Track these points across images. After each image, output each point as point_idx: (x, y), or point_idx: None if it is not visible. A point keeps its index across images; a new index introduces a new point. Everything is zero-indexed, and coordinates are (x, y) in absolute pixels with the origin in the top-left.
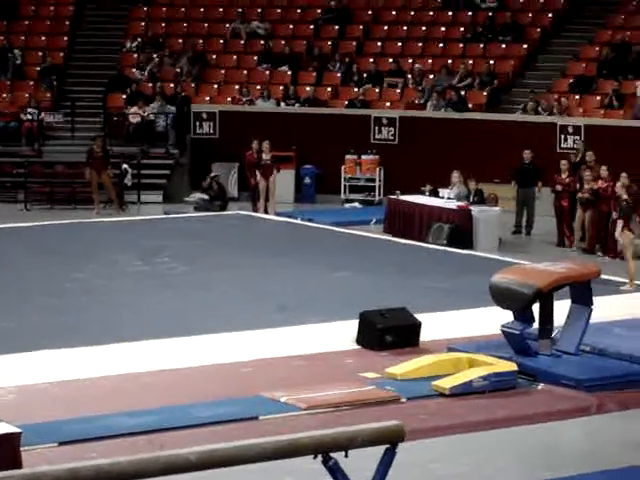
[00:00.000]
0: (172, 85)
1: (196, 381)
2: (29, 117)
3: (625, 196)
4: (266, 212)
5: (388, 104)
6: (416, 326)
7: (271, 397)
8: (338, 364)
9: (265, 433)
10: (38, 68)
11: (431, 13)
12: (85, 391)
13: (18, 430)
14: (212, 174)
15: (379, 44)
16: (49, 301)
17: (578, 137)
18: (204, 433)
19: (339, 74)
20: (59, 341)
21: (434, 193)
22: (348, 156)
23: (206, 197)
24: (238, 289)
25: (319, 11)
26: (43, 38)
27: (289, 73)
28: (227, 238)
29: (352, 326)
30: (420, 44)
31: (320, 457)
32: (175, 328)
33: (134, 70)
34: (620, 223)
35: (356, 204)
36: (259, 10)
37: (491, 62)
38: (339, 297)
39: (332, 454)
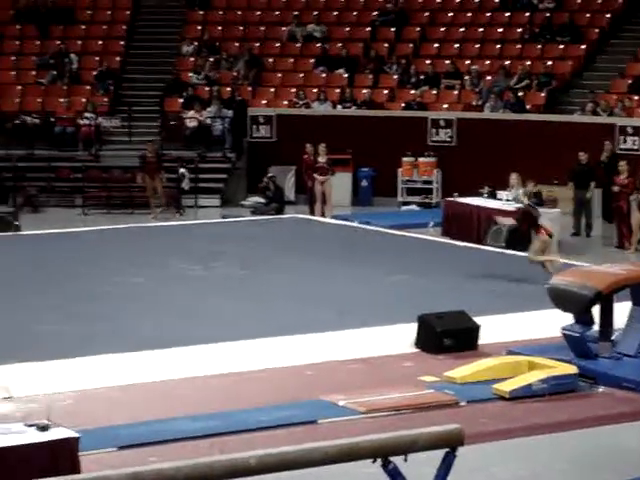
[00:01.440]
0: (229, 89)
1: (256, 385)
2: (86, 122)
3: (527, 201)
4: (323, 215)
5: (445, 106)
6: (475, 329)
7: (330, 401)
8: (397, 368)
9: (324, 437)
10: (95, 73)
11: (488, 14)
12: (144, 395)
13: (77, 435)
14: (269, 174)
15: (436, 46)
16: (107, 306)
17: (637, 138)
18: (264, 437)
19: (396, 76)
20: (117, 345)
21: (492, 195)
22: (405, 158)
23: (263, 201)
24: (296, 293)
25: (376, 13)
26: (100, 42)
27: (345, 76)
28: (284, 242)
29: (411, 329)
30: (477, 45)
31: (379, 461)
32: (234, 332)
33: (191, 74)
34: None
35: (413, 207)
36: (315, 13)
37: (549, 63)
38: (397, 300)
39: (391, 458)
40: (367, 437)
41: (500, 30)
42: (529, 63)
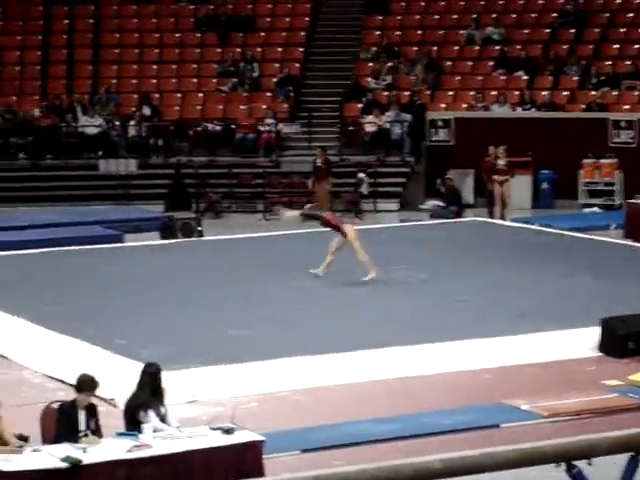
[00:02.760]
0: (407, 93)
1: (438, 388)
2: (267, 128)
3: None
4: (502, 218)
5: (626, 107)
6: None
7: (512, 405)
8: (580, 371)
9: (506, 441)
10: (275, 79)
11: None
12: (328, 398)
13: (261, 438)
14: (446, 176)
15: (616, 46)
16: (290, 309)
17: None
18: (446, 441)
19: (576, 78)
20: (301, 348)
21: None
22: (586, 160)
23: (441, 204)
24: (476, 296)
25: (555, 15)
26: (279, 49)
27: (525, 78)
28: (463, 245)
29: (593, 333)
30: None
31: (563, 465)
32: (415, 335)
33: (369, 79)
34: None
35: (595, 209)
36: (494, 15)
37: None
38: (579, 303)
39: (575, 462)
40: (550, 441)
41: None
42: None
